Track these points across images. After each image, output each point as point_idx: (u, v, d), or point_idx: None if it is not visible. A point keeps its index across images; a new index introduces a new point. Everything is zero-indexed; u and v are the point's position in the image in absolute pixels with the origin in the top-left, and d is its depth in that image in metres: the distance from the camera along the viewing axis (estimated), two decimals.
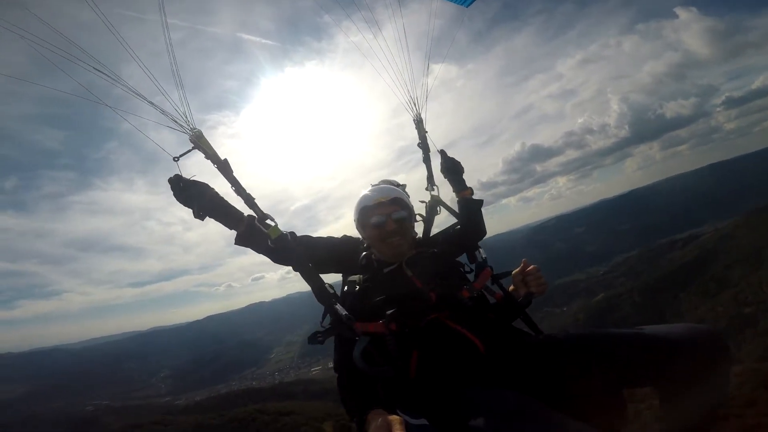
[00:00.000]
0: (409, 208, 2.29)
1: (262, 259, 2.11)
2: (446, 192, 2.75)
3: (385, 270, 2.17)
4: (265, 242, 2.00)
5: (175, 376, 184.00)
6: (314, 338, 1.96)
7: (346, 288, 2.15)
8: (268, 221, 2.03)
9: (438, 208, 2.66)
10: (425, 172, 2.79)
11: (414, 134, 2.83)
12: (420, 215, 2.57)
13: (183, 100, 1.95)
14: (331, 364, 2.17)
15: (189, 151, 1.99)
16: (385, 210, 2.20)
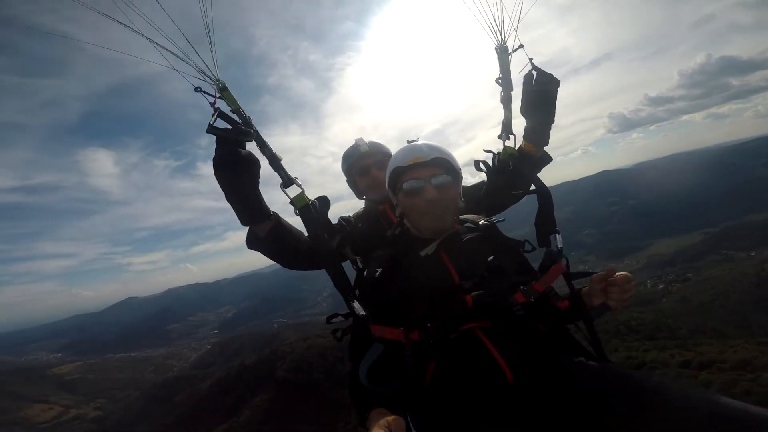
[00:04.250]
0: (454, 171, 1.75)
1: None
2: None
3: (422, 253, 1.68)
4: (288, 246, 1.80)
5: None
6: (332, 321, 1.76)
7: (366, 272, 1.72)
8: (294, 187, 1.77)
9: (510, 164, 1.96)
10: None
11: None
12: (485, 165, 2.02)
13: (212, 50, 1.72)
14: None
15: (213, 96, 1.69)
16: (422, 173, 1.70)
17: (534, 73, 1.89)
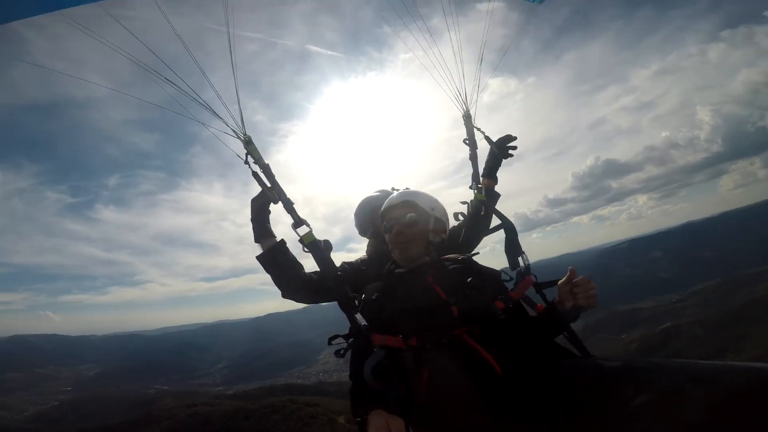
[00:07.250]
0: (421, 211, 2.21)
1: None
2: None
3: (395, 270, 2.16)
4: (286, 270, 2.19)
5: (230, 367, 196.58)
6: (335, 342, 1.99)
7: (364, 296, 2.07)
8: (304, 227, 2.17)
9: (482, 209, 2.51)
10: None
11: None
12: (461, 214, 2.55)
13: (239, 109, 2.22)
14: None
15: (247, 155, 2.21)
16: (394, 213, 2.22)
17: (492, 138, 2.58)
